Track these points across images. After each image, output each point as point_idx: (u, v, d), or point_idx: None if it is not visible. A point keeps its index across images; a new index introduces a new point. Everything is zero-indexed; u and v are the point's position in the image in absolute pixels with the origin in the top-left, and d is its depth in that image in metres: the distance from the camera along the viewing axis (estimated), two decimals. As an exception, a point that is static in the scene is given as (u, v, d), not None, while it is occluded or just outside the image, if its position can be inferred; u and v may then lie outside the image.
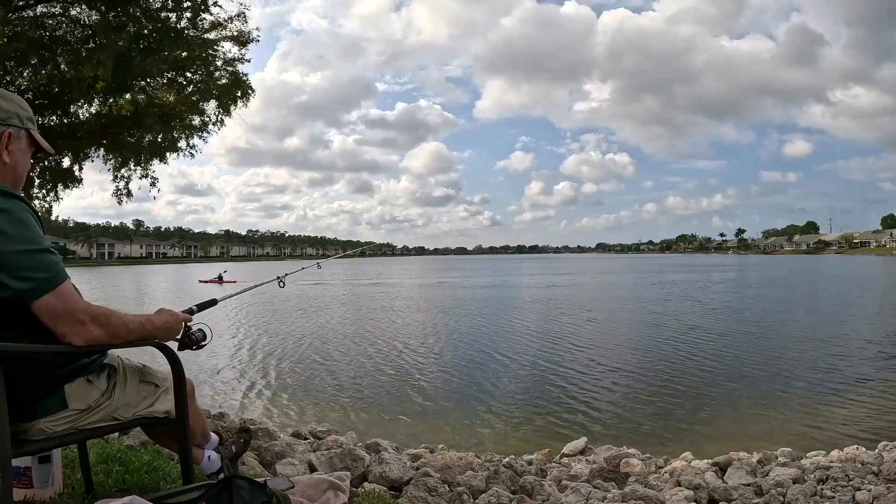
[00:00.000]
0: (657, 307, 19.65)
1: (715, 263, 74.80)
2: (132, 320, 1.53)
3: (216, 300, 2.07)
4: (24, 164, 1.52)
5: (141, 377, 1.71)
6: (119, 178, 8.72)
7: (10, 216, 1.34)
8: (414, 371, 9.55)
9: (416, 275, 54.53)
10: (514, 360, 10.38)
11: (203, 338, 1.83)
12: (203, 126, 8.72)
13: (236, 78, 8.39)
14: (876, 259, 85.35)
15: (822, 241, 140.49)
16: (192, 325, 1.81)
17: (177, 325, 1.68)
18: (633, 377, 8.80)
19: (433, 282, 40.70)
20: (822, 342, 11.72)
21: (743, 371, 9.13)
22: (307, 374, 9.39)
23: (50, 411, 1.49)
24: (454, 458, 3.82)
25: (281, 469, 3.14)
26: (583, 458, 4.88)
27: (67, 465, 2.17)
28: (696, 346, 11.44)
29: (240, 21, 7.84)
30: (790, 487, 3.45)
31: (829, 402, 7.20)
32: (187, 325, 1.77)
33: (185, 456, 1.73)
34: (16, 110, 1.50)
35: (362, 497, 2.64)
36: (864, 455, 4.34)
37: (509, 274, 52.93)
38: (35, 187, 8.49)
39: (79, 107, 8.04)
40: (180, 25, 7.16)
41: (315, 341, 12.80)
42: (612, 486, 3.78)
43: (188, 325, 1.78)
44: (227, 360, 10.70)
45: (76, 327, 1.40)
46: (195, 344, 1.81)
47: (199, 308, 1.91)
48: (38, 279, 1.35)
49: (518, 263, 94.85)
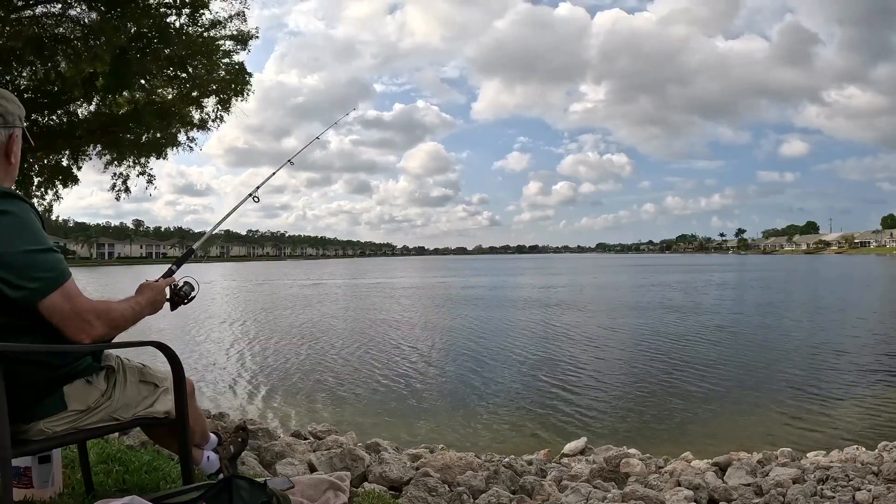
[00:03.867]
0: (657, 307, 19.65)
1: (715, 263, 74.80)
2: (125, 308, 1.55)
3: (192, 248, 2.10)
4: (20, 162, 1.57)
5: (141, 377, 1.71)
6: (117, 175, 8.74)
7: (15, 218, 1.35)
8: (414, 371, 9.55)
9: (416, 274, 54.53)
10: (515, 360, 10.38)
11: (191, 290, 1.87)
12: (202, 123, 8.73)
13: (236, 70, 8.39)
14: (876, 259, 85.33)
15: (823, 241, 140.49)
16: (178, 281, 1.83)
17: (160, 294, 1.72)
18: (633, 377, 8.80)
19: (434, 282, 40.68)
20: (823, 342, 11.71)
21: (743, 371, 9.12)
22: (307, 374, 9.39)
23: (49, 412, 1.49)
24: (454, 458, 3.82)
25: (281, 469, 3.14)
26: (583, 458, 4.88)
27: (67, 465, 2.17)
28: (696, 347, 11.44)
29: (239, 20, 7.86)
30: (790, 487, 3.45)
31: (829, 402, 7.19)
32: (173, 284, 1.80)
33: (185, 456, 1.73)
34: (19, 112, 1.52)
35: (362, 497, 2.63)
36: (864, 455, 4.34)
37: (510, 274, 52.93)
38: (34, 186, 8.49)
39: (77, 105, 8.04)
40: (179, 23, 7.17)
41: (315, 341, 12.79)
42: (612, 486, 3.78)
43: (174, 284, 1.81)
44: (227, 361, 10.70)
45: (83, 326, 1.41)
46: (185, 298, 1.85)
47: (179, 263, 1.92)
48: (45, 279, 1.36)
49: (519, 263, 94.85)
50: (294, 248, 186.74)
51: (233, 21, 7.79)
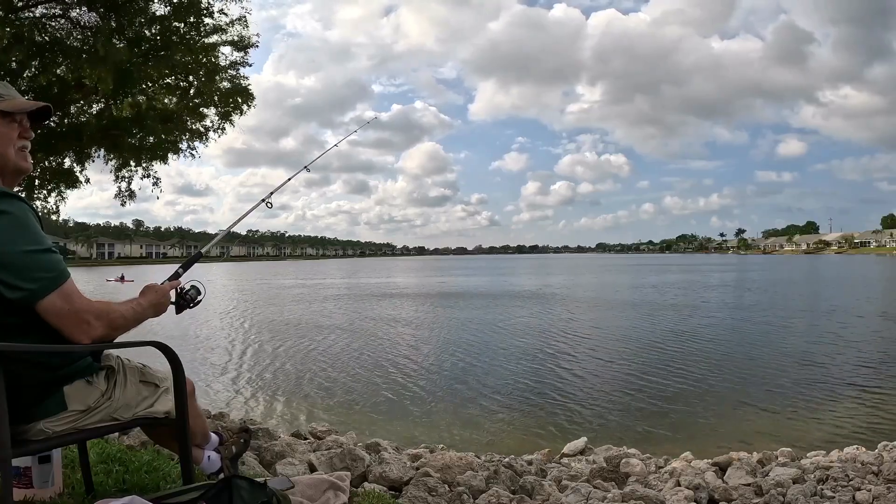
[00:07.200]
0: (658, 308, 19.65)
1: (715, 263, 74.77)
2: (126, 309, 1.54)
3: (201, 252, 2.10)
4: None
5: (141, 377, 1.71)
6: (120, 178, 8.74)
7: (13, 218, 1.35)
8: (414, 371, 9.55)
9: (416, 275, 54.52)
10: (515, 360, 10.38)
11: (197, 293, 1.85)
12: (204, 132, 8.73)
13: (237, 84, 8.39)
14: (877, 259, 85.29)
15: (823, 241, 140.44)
16: (185, 285, 1.82)
17: (163, 297, 1.71)
18: (633, 377, 8.79)
19: (434, 282, 40.67)
20: (823, 342, 11.71)
21: (743, 371, 9.12)
22: (307, 374, 9.39)
23: (49, 413, 1.49)
24: (454, 458, 3.81)
25: (281, 469, 3.14)
26: (583, 458, 4.88)
27: (67, 465, 2.17)
28: (696, 347, 11.43)
29: (241, 25, 7.84)
30: (790, 487, 3.45)
31: (829, 402, 7.19)
32: (178, 288, 1.80)
33: (185, 456, 1.73)
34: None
35: (362, 497, 2.63)
36: (864, 455, 4.33)
37: (513, 274, 52.91)
38: (36, 188, 8.49)
39: (80, 109, 8.04)
40: (182, 30, 7.15)
41: (315, 341, 12.78)
42: (612, 486, 3.78)
43: (179, 287, 1.80)
44: (227, 361, 10.70)
45: (82, 326, 1.41)
46: (191, 302, 1.84)
47: (186, 266, 1.91)
48: (44, 279, 1.36)
49: (519, 263, 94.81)
50: (294, 248, 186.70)
51: (234, 26, 7.76)
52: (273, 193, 2.50)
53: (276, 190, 2.54)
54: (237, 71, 8.34)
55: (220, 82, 8.29)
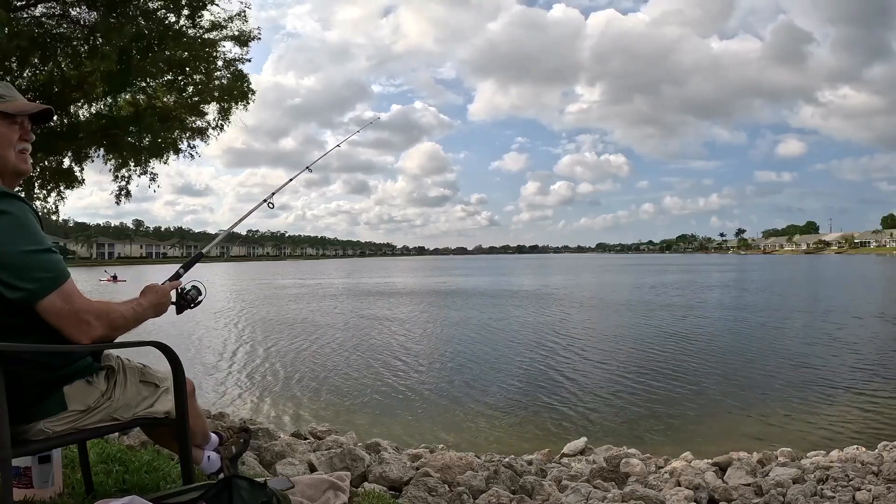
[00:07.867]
0: (658, 308, 19.64)
1: (716, 263, 74.76)
2: (126, 309, 1.54)
3: (202, 253, 2.10)
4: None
5: (141, 377, 1.70)
6: (119, 178, 8.73)
7: (13, 218, 1.35)
8: (414, 371, 9.55)
9: (416, 275, 54.51)
10: (515, 361, 10.38)
11: (198, 294, 1.85)
12: (203, 130, 8.72)
13: (237, 78, 8.38)
14: (877, 259, 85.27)
15: (823, 241, 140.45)
16: (185, 285, 1.82)
17: (164, 297, 1.71)
18: (633, 377, 8.79)
19: (434, 282, 40.67)
20: (823, 342, 11.71)
21: (743, 371, 9.12)
22: (308, 374, 9.39)
23: (49, 413, 1.49)
24: (454, 458, 3.81)
25: (281, 469, 3.14)
26: (583, 458, 4.88)
27: (67, 465, 2.17)
28: (696, 347, 11.44)
29: (240, 20, 7.83)
30: (790, 487, 3.45)
31: (828, 402, 7.20)
32: (179, 288, 1.80)
33: (185, 456, 1.73)
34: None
35: (362, 497, 2.63)
36: (864, 455, 4.33)
37: (512, 274, 52.90)
38: (36, 188, 8.48)
39: (79, 107, 8.03)
40: (179, 24, 7.14)
41: (315, 341, 12.79)
42: (612, 486, 3.78)
43: (180, 288, 1.80)
44: (227, 361, 10.70)
45: (82, 326, 1.41)
46: (192, 303, 1.83)
47: (187, 266, 1.91)
48: (43, 279, 1.36)
49: (519, 262, 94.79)
50: (294, 248, 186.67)
51: (234, 21, 7.76)
52: (275, 194, 2.50)
53: (277, 190, 2.54)
54: (236, 67, 8.33)
55: (221, 79, 8.28)
